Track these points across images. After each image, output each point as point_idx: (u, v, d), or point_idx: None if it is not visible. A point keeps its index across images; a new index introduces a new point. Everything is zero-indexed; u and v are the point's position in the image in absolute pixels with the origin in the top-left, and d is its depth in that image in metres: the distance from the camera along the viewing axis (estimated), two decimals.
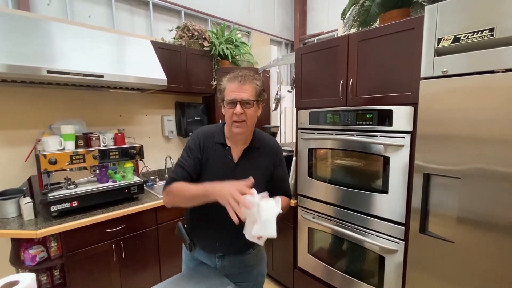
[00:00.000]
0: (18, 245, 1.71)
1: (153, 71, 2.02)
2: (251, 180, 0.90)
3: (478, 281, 1.15)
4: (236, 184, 0.87)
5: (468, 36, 1.06)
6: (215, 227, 1.11)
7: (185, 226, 1.22)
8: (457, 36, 1.09)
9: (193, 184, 0.98)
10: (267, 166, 1.14)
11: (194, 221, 1.18)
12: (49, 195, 1.65)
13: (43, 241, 1.67)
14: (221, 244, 1.13)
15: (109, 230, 1.75)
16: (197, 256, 1.22)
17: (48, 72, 1.53)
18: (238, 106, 1.01)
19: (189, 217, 1.20)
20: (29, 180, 1.89)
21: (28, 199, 1.69)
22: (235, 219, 0.81)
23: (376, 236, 1.56)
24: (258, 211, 0.82)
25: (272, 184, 1.14)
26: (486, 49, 1.04)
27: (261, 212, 0.82)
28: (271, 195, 0.95)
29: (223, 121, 1.15)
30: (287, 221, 2.10)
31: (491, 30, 1.00)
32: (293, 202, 2.03)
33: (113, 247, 1.78)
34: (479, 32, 1.03)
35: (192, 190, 0.96)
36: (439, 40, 1.15)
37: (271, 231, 0.84)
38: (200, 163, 1.09)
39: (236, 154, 1.11)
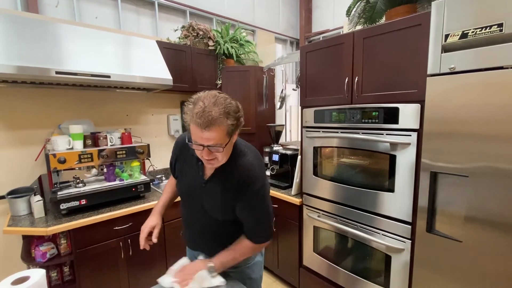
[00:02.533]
0: (29, 242, 1.76)
1: (158, 71, 2.04)
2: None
3: (486, 281, 1.13)
4: (149, 224, 1.13)
5: (476, 31, 1.04)
6: (190, 229, 1.18)
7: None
8: (465, 32, 1.07)
9: (163, 196, 1.27)
10: (229, 196, 0.99)
11: (181, 214, 1.23)
12: (59, 193, 1.69)
13: (53, 238, 1.71)
14: (197, 245, 1.18)
15: (116, 228, 1.78)
16: (192, 253, 1.24)
17: (57, 73, 1.56)
18: (206, 151, 0.87)
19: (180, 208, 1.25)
20: (39, 178, 1.94)
21: (38, 197, 1.73)
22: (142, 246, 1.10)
23: (382, 235, 1.55)
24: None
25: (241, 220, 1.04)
26: (494, 45, 1.01)
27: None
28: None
29: None
30: (293, 219, 2.10)
31: (500, 25, 0.98)
32: (298, 200, 2.02)
33: (121, 245, 1.81)
34: (488, 28, 1.01)
35: (159, 200, 1.27)
36: (447, 36, 1.13)
37: None
38: (174, 168, 1.17)
39: (208, 171, 1.03)
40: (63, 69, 1.59)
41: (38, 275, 0.72)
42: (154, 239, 1.10)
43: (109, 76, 1.75)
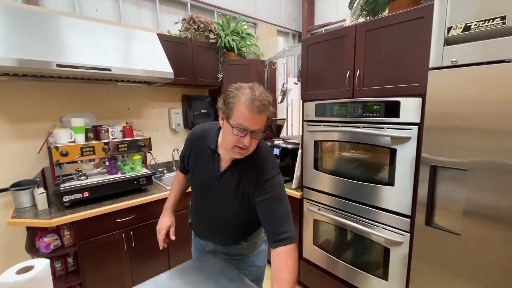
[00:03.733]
0: (33, 233, 1.79)
1: (159, 64, 2.04)
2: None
3: (483, 273, 1.15)
4: (164, 224, 1.22)
5: (479, 24, 1.03)
6: (203, 222, 1.19)
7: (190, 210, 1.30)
8: (467, 25, 1.06)
9: (172, 193, 1.30)
10: (244, 190, 0.99)
11: (192, 210, 1.25)
12: (62, 186, 1.71)
13: (57, 230, 1.74)
14: (208, 237, 1.20)
15: (119, 220, 1.81)
16: (199, 242, 1.28)
17: (58, 66, 1.56)
18: (248, 137, 0.88)
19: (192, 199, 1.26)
20: (42, 171, 1.96)
21: (41, 189, 1.75)
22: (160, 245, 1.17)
23: (382, 228, 1.56)
24: None
25: (261, 219, 0.98)
26: (497, 38, 1.00)
27: None
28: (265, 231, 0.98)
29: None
30: (293, 213, 2.11)
31: (503, 18, 0.97)
32: (298, 194, 2.04)
33: (123, 237, 1.83)
34: (491, 20, 1.00)
35: (172, 186, 1.30)
36: (449, 29, 1.11)
37: None
38: (187, 162, 1.15)
39: (224, 163, 1.03)
40: (64, 62, 1.59)
41: (42, 264, 0.74)
42: (172, 237, 1.20)
43: (110, 69, 1.74)
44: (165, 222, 1.22)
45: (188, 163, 1.14)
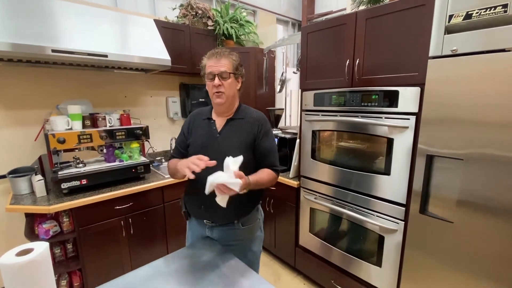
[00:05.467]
0: (32, 220, 1.80)
1: (157, 51, 2.01)
2: (213, 162, 1.01)
3: (474, 261, 1.18)
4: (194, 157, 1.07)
5: (481, 12, 1.01)
6: (200, 191, 1.15)
7: (185, 196, 1.32)
8: (469, 13, 1.05)
9: (176, 160, 1.19)
10: (247, 135, 1.19)
11: (187, 187, 1.30)
12: (59, 173, 1.71)
13: (56, 216, 1.75)
14: (205, 209, 1.20)
15: (117, 208, 1.82)
16: (194, 228, 1.30)
17: (53, 51, 1.53)
18: (216, 78, 1.12)
19: (186, 184, 1.29)
20: (40, 159, 1.95)
21: (39, 176, 1.75)
22: (189, 174, 0.98)
23: (377, 216, 1.59)
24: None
25: (257, 156, 1.20)
26: (498, 27, 0.99)
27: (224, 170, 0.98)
28: (258, 166, 1.19)
29: None
30: (290, 201, 2.14)
31: (505, 6, 0.96)
32: (295, 183, 2.06)
33: (122, 223, 1.85)
34: (492, 8, 0.99)
35: (173, 165, 1.20)
36: (451, 17, 1.10)
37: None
38: (187, 138, 1.27)
39: (219, 124, 1.22)
40: (59, 47, 1.56)
41: (42, 247, 0.75)
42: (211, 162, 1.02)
43: (106, 56, 1.72)
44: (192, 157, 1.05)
45: (189, 136, 1.26)
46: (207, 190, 0.96)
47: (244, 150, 1.12)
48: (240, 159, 0.99)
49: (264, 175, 1.15)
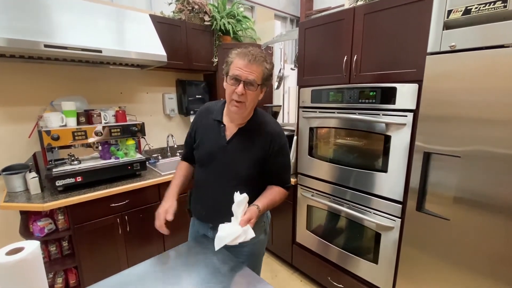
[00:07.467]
0: (27, 217, 1.78)
1: (152, 46, 1.98)
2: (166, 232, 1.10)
3: (470, 258, 1.18)
4: (164, 207, 1.14)
5: (480, 7, 1.00)
6: (202, 197, 1.18)
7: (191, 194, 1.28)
8: (468, 8, 1.03)
9: (174, 181, 1.21)
10: (258, 150, 1.09)
11: (194, 185, 1.24)
12: (54, 170, 1.69)
13: (51, 214, 1.73)
14: (207, 213, 1.18)
15: (113, 205, 1.81)
16: (197, 228, 1.27)
17: (46, 46, 1.50)
18: (241, 86, 0.97)
19: (193, 182, 1.25)
20: (34, 156, 1.93)
21: (34, 174, 1.73)
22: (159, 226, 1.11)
23: (374, 213, 1.59)
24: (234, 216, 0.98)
25: (268, 171, 1.12)
26: (497, 22, 0.98)
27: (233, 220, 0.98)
28: (267, 182, 1.14)
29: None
30: (287, 199, 2.12)
31: (504, 1, 0.94)
32: (293, 180, 2.05)
33: (118, 221, 1.84)
34: (492, 3, 0.97)
35: (174, 176, 1.23)
36: (449, 12, 1.09)
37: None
38: (194, 138, 1.19)
39: (230, 132, 1.11)
40: (53, 43, 1.53)
41: (32, 246, 0.73)
42: (169, 217, 1.13)
43: (100, 51, 1.69)
44: (164, 206, 1.15)
45: (195, 138, 1.18)
46: (217, 247, 0.94)
47: (252, 166, 1.08)
48: (245, 200, 0.96)
49: (275, 196, 1.10)
